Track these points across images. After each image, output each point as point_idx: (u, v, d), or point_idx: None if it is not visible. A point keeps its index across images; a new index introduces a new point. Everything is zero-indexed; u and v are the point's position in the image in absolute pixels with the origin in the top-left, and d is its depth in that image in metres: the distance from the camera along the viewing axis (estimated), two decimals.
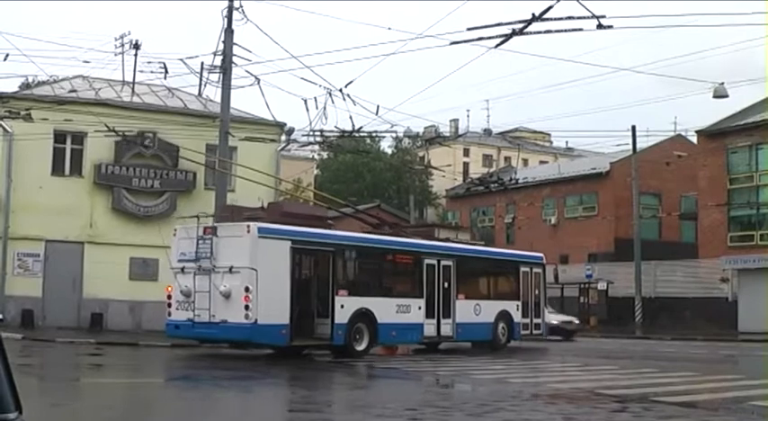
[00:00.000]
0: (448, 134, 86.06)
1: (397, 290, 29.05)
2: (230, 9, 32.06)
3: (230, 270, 23.69)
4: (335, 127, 33.36)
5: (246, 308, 23.18)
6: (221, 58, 31.98)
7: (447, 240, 31.54)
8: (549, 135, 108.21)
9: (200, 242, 24.62)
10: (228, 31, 31.93)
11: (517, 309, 33.01)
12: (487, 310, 31.60)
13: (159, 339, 29.43)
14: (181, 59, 45.44)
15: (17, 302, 32.86)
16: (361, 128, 33.06)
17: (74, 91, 34.57)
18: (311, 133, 33.28)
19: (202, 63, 36.10)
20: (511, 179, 45.79)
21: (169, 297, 25.41)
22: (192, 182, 36.16)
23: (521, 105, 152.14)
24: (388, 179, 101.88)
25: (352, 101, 30.08)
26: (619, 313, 51.98)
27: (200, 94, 39.82)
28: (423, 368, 23.28)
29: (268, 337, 24.03)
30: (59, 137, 34.42)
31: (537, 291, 34.38)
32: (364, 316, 26.31)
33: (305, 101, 30.68)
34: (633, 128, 50.44)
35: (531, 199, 66.50)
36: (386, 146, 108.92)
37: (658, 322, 48.89)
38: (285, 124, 38.02)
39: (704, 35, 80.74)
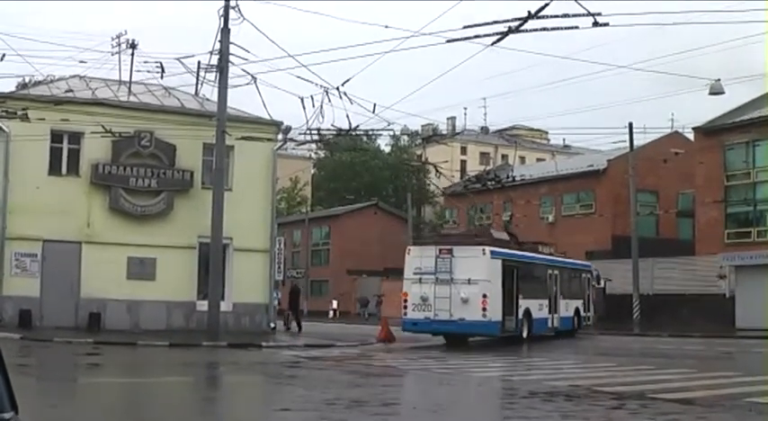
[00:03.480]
0: (445, 132, 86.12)
1: (537, 293, 37.43)
2: (226, 8, 32.09)
3: (468, 281, 32.27)
4: (332, 125, 33.39)
5: (484, 309, 32.11)
6: (218, 57, 32.00)
7: (550, 254, 41.98)
8: (545, 133, 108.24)
9: (438, 260, 32.80)
10: (225, 30, 31.94)
11: (582, 305, 43.73)
12: (570, 307, 41.82)
13: (157, 339, 29.49)
14: (177, 59, 45.27)
15: (15, 302, 32.81)
16: (357, 126, 32.98)
17: (70, 91, 34.52)
18: (308, 132, 33.25)
19: (199, 62, 36.24)
20: (508, 177, 45.76)
21: (405, 301, 33.49)
22: (190, 181, 36.11)
23: (518, 103, 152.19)
24: (385, 177, 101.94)
25: (349, 99, 30.04)
26: (616, 310, 51.92)
27: (196, 94, 39.85)
28: (425, 365, 23.28)
29: (492, 330, 33.16)
30: (56, 137, 34.36)
31: (588, 291, 45.37)
32: (527, 313, 35.41)
33: (302, 99, 30.64)
34: (630, 125, 50.47)
35: (529, 196, 66.53)
36: (383, 144, 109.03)
37: (656, 319, 48.91)
38: (282, 123, 37.99)
39: (700, 32, 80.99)
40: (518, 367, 23.61)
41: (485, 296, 32.22)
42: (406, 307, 33.44)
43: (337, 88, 29.79)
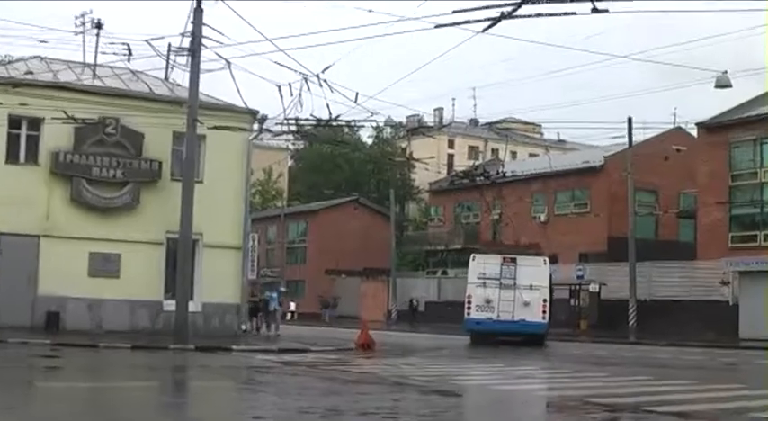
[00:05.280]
0: (431, 124, 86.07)
1: None
2: None
3: (531, 287, 39.45)
4: (311, 115, 33.37)
5: (543, 312, 39.58)
6: (189, 39, 31.85)
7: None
8: (539, 126, 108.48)
9: (503, 267, 39.80)
10: (198, 11, 31.77)
11: None
12: None
13: (121, 340, 29.37)
14: (146, 40, 44.95)
15: None
16: (338, 116, 32.97)
17: (30, 73, 34.39)
18: (285, 121, 33.19)
19: (169, 44, 36.08)
20: (498, 172, 45.93)
21: (469, 302, 40.38)
22: (158, 172, 36.01)
23: (510, 94, 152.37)
24: (367, 171, 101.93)
25: (330, 87, 30.02)
26: (611, 317, 52.12)
27: (166, 79, 39.76)
28: (405, 373, 23.25)
29: (545, 330, 40.17)
30: (14, 122, 34.22)
31: None
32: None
33: (279, 87, 30.60)
34: (629, 119, 50.62)
35: (520, 194, 66.59)
36: (365, 136, 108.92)
37: (653, 327, 48.95)
38: (257, 112, 37.93)
39: (706, 22, 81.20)
40: (503, 375, 23.58)
41: (545, 301, 39.92)
42: (469, 308, 40.43)
43: (317, 75, 29.80)
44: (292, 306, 76.69)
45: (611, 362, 30.38)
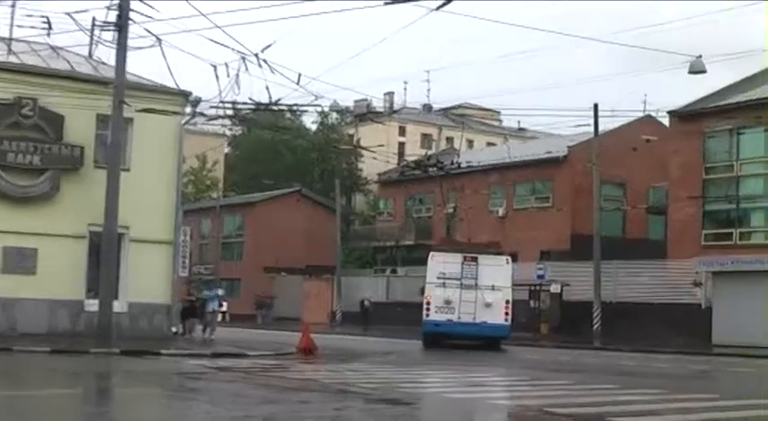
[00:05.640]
0: (381, 109, 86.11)
1: None
2: None
3: (493, 287, 40.98)
4: (250, 98, 33.30)
5: (506, 314, 41.17)
6: (116, 13, 31.66)
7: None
8: (498, 113, 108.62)
9: (464, 266, 41.20)
10: None
11: None
12: None
13: (38, 344, 29.17)
14: (68, 13, 44.54)
15: None
16: (279, 100, 32.96)
17: None
18: (221, 105, 33.11)
19: (94, 18, 35.72)
20: (453, 163, 45.96)
21: (428, 303, 41.58)
22: (80, 158, 35.76)
23: (467, 78, 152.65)
24: (311, 160, 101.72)
25: (270, 68, 30.00)
26: (574, 320, 52.39)
27: (90, 56, 39.45)
28: (349, 379, 23.29)
29: (507, 333, 41.66)
30: None
31: None
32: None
33: (214, 67, 30.55)
34: (595, 106, 50.78)
35: (476, 186, 66.69)
36: (309, 121, 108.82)
37: (619, 331, 49.22)
38: (191, 93, 37.80)
39: (680, 4, 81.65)
40: (456, 383, 23.68)
41: (507, 302, 41.43)
42: (428, 309, 41.65)
43: (256, 55, 29.77)
44: (224, 306, 76.25)
45: (574, 368, 30.59)
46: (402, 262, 75.66)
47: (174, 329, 38.30)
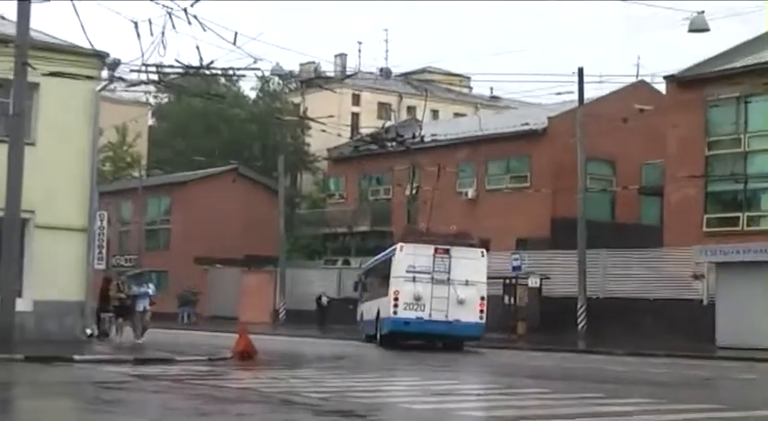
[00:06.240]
0: (332, 74, 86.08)
1: None
2: None
3: (467, 282, 42.64)
4: (177, 60, 33.14)
5: (481, 311, 42.86)
6: None
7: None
8: (467, 79, 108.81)
9: (436, 259, 42.61)
10: None
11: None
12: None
13: None
14: None
15: None
16: (212, 62, 32.80)
17: None
18: (144, 68, 32.91)
19: None
20: (415, 136, 45.89)
21: (396, 298, 42.81)
22: None
23: (431, 39, 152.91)
24: (250, 133, 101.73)
25: (201, 25, 29.83)
26: (555, 318, 52.59)
27: None
28: (295, 388, 23.27)
29: (481, 332, 43.59)
30: None
31: None
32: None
33: (136, 24, 30.30)
34: (580, 70, 51.00)
35: (442, 163, 66.50)
36: (247, 88, 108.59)
37: (608, 331, 49.48)
38: (108, 55, 37.54)
39: None
40: (420, 391, 23.69)
41: (482, 298, 43.16)
42: (396, 306, 42.86)
43: (185, 10, 29.56)
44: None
45: (555, 375, 30.72)
46: (356, 251, 75.75)
47: (88, 331, 38.11)
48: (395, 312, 43.04)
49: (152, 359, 31.81)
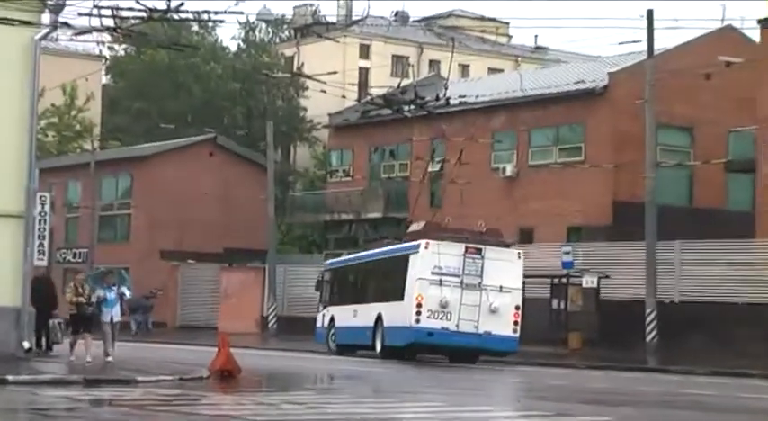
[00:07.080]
0: (334, 19, 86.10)
1: None
2: None
3: (500, 289, 43.81)
4: (137, 1, 33.00)
5: (516, 323, 44.21)
6: None
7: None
8: (505, 25, 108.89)
9: (466, 260, 43.68)
10: None
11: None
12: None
13: None
14: None
15: None
16: (182, 4, 32.71)
17: None
18: (96, 11, 32.81)
19: None
20: (438, 98, 45.80)
21: (419, 304, 43.57)
22: None
23: None
24: (230, 94, 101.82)
25: None
26: (617, 328, 52.43)
27: None
28: (289, 416, 23.16)
29: (515, 347, 44.99)
30: None
31: None
32: None
33: None
34: (649, 14, 50.80)
35: (474, 132, 66.50)
36: (227, 38, 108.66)
37: (685, 344, 49.42)
38: None
39: None
40: (444, 420, 23.56)
41: (517, 307, 44.58)
42: (419, 313, 43.79)
43: None
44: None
45: (619, 400, 30.54)
46: (365, 243, 75.64)
47: (26, 344, 37.99)
48: (417, 320, 43.65)
49: (107, 380, 31.75)
